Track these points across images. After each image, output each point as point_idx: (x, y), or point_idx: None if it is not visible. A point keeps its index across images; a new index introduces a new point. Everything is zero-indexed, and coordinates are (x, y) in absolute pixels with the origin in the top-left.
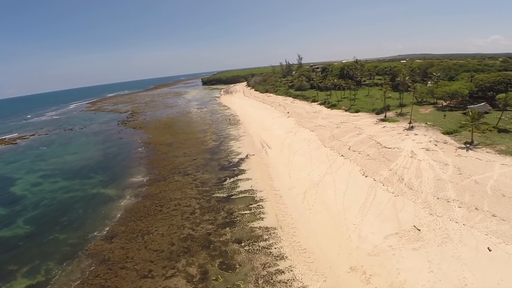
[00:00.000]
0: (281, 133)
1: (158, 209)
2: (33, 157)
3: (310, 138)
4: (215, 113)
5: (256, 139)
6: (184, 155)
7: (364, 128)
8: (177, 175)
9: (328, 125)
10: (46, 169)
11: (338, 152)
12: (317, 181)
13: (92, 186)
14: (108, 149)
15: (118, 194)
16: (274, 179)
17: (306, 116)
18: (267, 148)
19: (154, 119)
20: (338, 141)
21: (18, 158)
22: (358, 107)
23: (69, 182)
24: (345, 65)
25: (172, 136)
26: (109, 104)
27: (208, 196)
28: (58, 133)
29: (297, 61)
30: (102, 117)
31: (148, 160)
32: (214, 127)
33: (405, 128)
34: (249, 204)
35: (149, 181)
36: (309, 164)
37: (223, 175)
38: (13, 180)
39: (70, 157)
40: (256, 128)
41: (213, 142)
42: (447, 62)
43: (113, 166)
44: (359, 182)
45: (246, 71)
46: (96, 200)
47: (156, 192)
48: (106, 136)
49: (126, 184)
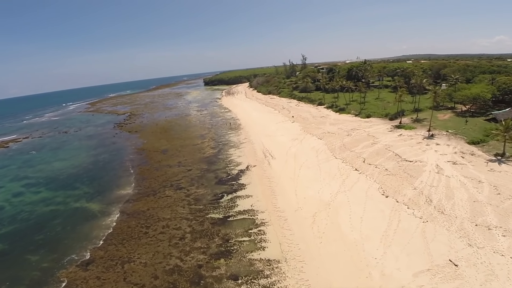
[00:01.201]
0: (286, 140)
1: (144, 231)
2: (21, 162)
3: (318, 148)
4: (215, 116)
5: (258, 147)
6: (179, 165)
7: (378, 136)
8: (168, 188)
9: (337, 132)
10: (32, 177)
11: (351, 166)
12: (328, 201)
13: (76, 198)
14: (99, 156)
15: (101, 210)
16: (278, 197)
17: (312, 121)
18: (270, 158)
19: (151, 122)
20: (350, 151)
21: (6, 163)
22: (369, 111)
23: (52, 193)
24: (353, 66)
25: (167, 142)
26: (109, 105)
27: (202, 217)
28: (52, 136)
29: (301, 61)
30: (99, 119)
31: (139, 169)
32: (213, 132)
33: (425, 137)
34: (249, 228)
35: (138, 195)
36: (318, 180)
37: (220, 191)
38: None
39: (59, 163)
40: (258, 134)
41: (211, 149)
42: (459, 63)
43: (101, 176)
44: (378, 203)
45: (248, 71)
46: (77, 216)
47: (143, 209)
48: (100, 140)
49: (112, 198)
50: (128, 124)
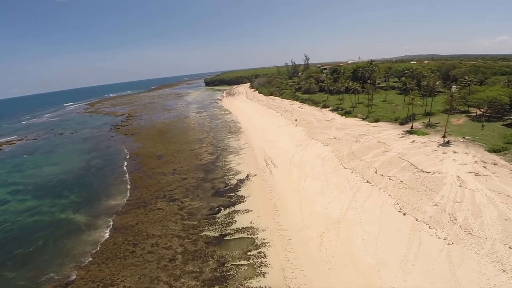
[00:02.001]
0: (289, 146)
1: (130, 249)
2: (11, 166)
3: (324, 155)
4: (215, 119)
5: (259, 154)
6: (174, 172)
7: (389, 143)
8: (161, 200)
9: (345, 138)
10: (20, 183)
11: (362, 177)
12: (337, 219)
13: (62, 208)
14: (91, 161)
15: (87, 223)
16: (281, 213)
17: (317, 125)
18: (272, 166)
19: (148, 125)
20: (360, 160)
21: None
22: (377, 115)
23: (38, 201)
24: (358, 66)
25: (164, 147)
26: (108, 105)
27: (195, 235)
28: (47, 138)
29: (304, 61)
30: (96, 121)
31: (131, 177)
32: (212, 136)
33: (440, 144)
34: (247, 250)
35: (127, 206)
36: (325, 192)
37: (217, 204)
38: None
39: (49, 168)
40: (259, 139)
41: (209, 155)
42: (466, 63)
43: (91, 183)
44: (395, 222)
45: (250, 71)
46: (61, 229)
47: (132, 224)
48: (94, 144)
49: (99, 209)
50: (125, 126)
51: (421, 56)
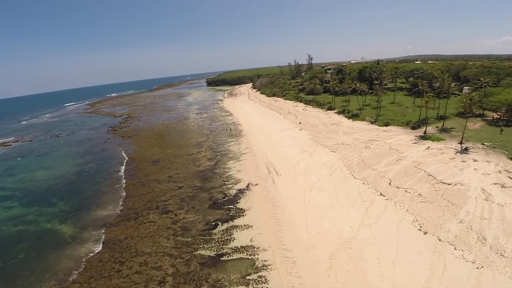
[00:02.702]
0: (293, 152)
1: (117, 268)
2: (3, 170)
3: (332, 163)
4: (215, 120)
5: (261, 160)
6: (169, 180)
7: (402, 149)
8: (153, 211)
9: (353, 144)
10: (8, 188)
11: (375, 189)
12: (348, 238)
13: (49, 218)
14: (85, 165)
15: (73, 235)
16: (285, 230)
17: (323, 129)
18: (274, 174)
19: (147, 126)
20: (371, 169)
21: None
22: (387, 118)
23: (25, 209)
24: (364, 66)
25: (161, 150)
26: (108, 106)
27: (189, 254)
28: (43, 140)
29: (307, 61)
30: (95, 121)
31: (124, 184)
32: (212, 139)
33: (457, 151)
34: (247, 273)
35: (117, 217)
36: (334, 206)
37: (214, 218)
38: None
39: (41, 173)
40: (261, 143)
41: (208, 161)
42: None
43: (82, 190)
44: (415, 242)
45: (252, 71)
46: (45, 242)
47: (120, 238)
48: (90, 146)
49: (88, 220)
50: (123, 128)
51: (424, 56)
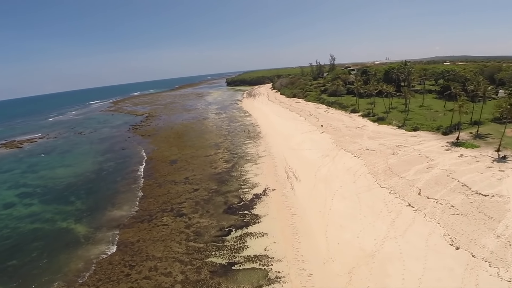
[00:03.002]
0: (314, 156)
1: (126, 271)
2: (27, 166)
3: (356, 169)
4: (234, 121)
5: (280, 164)
6: (185, 182)
7: (433, 156)
8: (167, 214)
9: (379, 149)
10: (30, 185)
11: (402, 198)
12: (371, 251)
13: (65, 216)
14: (104, 163)
15: (86, 236)
16: (302, 240)
17: (346, 133)
18: (293, 179)
19: (166, 126)
20: (399, 178)
21: (12, 166)
22: (416, 123)
23: (43, 206)
24: (391, 67)
25: (179, 151)
26: (130, 104)
27: (200, 261)
28: (67, 137)
29: (330, 61)
30: (117, 120)
31: (141, 184)
32: (230, 140)
33: (494, 159)
34: (258, 285)
35: (131, 219)
36: (357, 217)
37: (228, 223)
38: None
39: (62, 170)
40: (280, 146)
41: (225, 163)
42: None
43: (99, 189)
44: (445, 257)
45: (272, 71)
46: (59, 241)
47: (132, 241)
48: (110, 144)
49: (102, 220)
50: (143, 127)
51: (453, 57)
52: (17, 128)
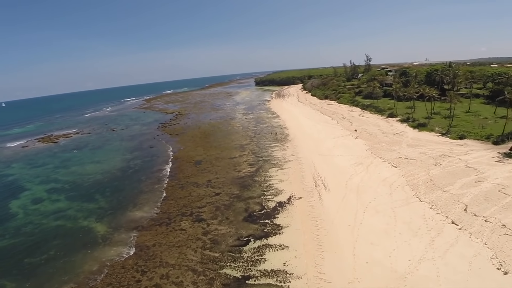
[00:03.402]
0: (346, 164)
1: (137, 277)
2: (59, 162)
3: (392, 180)
4: (261, 122)
5: (308, 170)
6: (208, 184)
7: (482, 168)
8: (186, 218)
9: (419, 159)
10: (60, 181)
11: (445, 215)
12: (404, 273)
13: (87, 214)
14: (132, 161)
15: (104, 236)
16: (326, 256)
17: (382, 139)
18: (322, 188)
19: (194, 125)
20: (442, 191)
21: (46, 161)
22: (462, 130)
23: (68, 203)
24: (433, 69)
25: (204, 151)
26: (162, 102)
27: (214, 272)
28: (100, 133)
29: (365, 62)
30: (148, 117)
31: (164, 185)
32: (255, 142)
33: None
34: None
35: (150, 221)
36: (391, 233)
37: (247, 232)
38: (22, 190)
39: (92, 167)
40: (309, 150)
41: (249, 166)
42: None
43: (124, 188)
44: (490, 283)
45: (302, 72)
46: (78, 240)
47: (148, 245)
48: (139, 142)
49: (122, 220)
50: (172, 125)
51: (502, 59)
52: (55, 123)
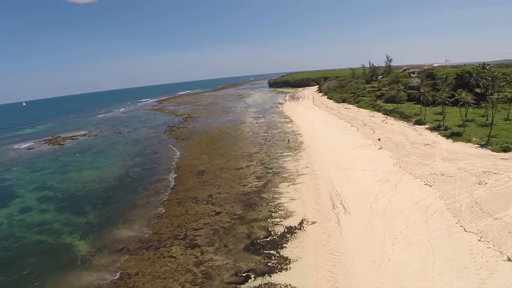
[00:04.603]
0: (370, 180)
1: None
2: (59, 166)
3: (428, 203)
4: (272, 127)
5: (324, 186)
6: (208, 201)
7: None
8: (178, 243)
9: (459, 176)
10: (54, 188)
11: (498, 249)
12: None
13: (72, 230)
14: (132, 168)
15: (85, 257)
16: None
17: (411, 151)
18: (341, 211)
19: (202, 129)
20: (492, 218)
21: (46, 165)
22: (505, 141)
23: (56, 215)
24: (464, 70)
25: (209, 159)
26: (173, 104)
27: None
28: (106, 135)
29: (385, 63)
30: (157, 119)
31: (159, 199)
32: (265, 150)
33: None
34: None
35: (138, 243)
36: (428, 274)
37: (247, 266)
38: (13, 198)
39: (89, 173)
40: (325, 162)
41: (256, 180)
42: None
43: (118, 200)
44: None
45: (318, 73)
46: (55, 260)
47: (130, 273)
48: (143, 147)
49: (108, 239)
50: (180, 129)
51: None
52: (66, 124)
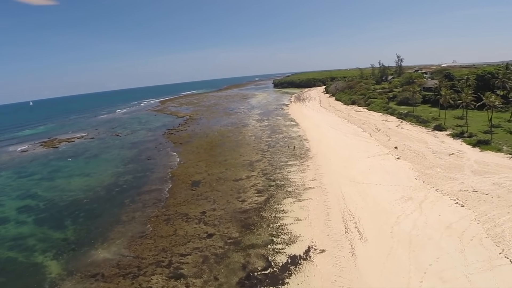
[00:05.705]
0: (389, 197)
1: None
2: (48, 172)
3: (463, 228)
4: (277, 131)
5: (335, 203)
6: (200, 219)
7: None
8: (160, 270)
9: (495, 193)
10: (38, 197)
11: None
12: None
13: (47, 247)
14: (122, 176)
15: (53, 282)
16: None
17: (435, 162)
18: (356, 236)
19: (202, 132)
20: None
21: (36, 170)
22: None
23: (33, 228)
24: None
25: (206, 168)
26: (176, 104)
27: None
28: (103, 138)
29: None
30: (157, 121)
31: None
32: (268, 158)
33: None
34: None
35: (115, 268)
36: None
37: None
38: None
39: (77, 181)
40: (336, 173)
41: (256, 195)
42: None
43: (101, 213)
44: None
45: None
46: (21, 282)
47: None
48: (139, 152)
49: (83, 260)
50: (179, 132)
51: None
52: (67, 125)
